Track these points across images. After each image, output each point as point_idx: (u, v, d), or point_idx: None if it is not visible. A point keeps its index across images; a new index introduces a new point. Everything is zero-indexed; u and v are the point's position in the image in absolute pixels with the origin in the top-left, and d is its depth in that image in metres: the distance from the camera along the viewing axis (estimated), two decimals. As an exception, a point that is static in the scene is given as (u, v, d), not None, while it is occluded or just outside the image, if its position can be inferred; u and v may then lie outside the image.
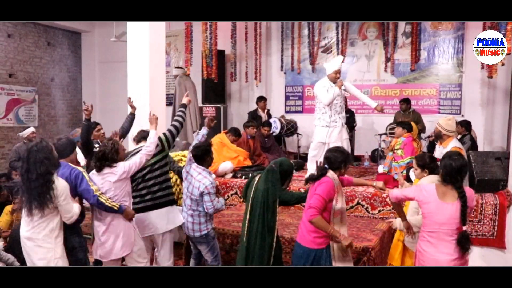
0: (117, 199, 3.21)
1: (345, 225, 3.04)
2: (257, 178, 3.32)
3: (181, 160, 4.91)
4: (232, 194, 5.40)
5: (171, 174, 4.33)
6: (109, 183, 3.20)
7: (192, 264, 3.94)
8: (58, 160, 3.03)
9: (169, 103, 7.41)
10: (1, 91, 8.39)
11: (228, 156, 5.84)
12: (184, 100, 4.01)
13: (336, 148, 3.25)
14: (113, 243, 3.24)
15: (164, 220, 3.57)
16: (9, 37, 8.51)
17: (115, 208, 3.15)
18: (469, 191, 2.72)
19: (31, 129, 4.97)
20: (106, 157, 3.20)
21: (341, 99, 5.53)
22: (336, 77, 5.37)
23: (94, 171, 3.28)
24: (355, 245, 3.57)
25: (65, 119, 9.84)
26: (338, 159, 3.00)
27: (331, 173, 2.94)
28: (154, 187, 3.55)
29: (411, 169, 3.40)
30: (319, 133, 5.52)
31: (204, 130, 3.91)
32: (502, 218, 4.43)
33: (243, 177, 5.56)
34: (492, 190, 4.69)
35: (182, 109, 3.92)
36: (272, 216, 3.16)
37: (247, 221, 3.24)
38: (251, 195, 3.24)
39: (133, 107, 4.62)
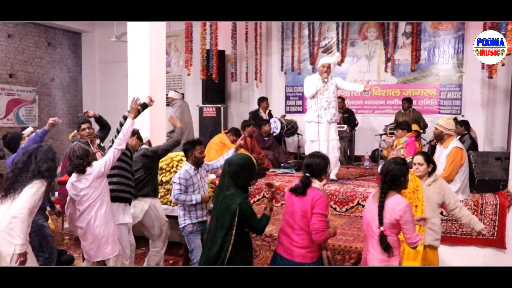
0: (98, 198, 3.27)
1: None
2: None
3: (181, 160, 4.89)
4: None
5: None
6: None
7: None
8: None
9: (169, 104, 7.39)
10: (1, 91, 8.39)
11: (228, 157, 5.83)
12: (147, 100, 3.94)
13: (315, 153, 2.97)
14: (99, 244, 3.28)
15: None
16: (9, 37, 8.51)
17: None
18: (395, 201, 2.61)
19: (30, 129, 4.95)
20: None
21: (329, 94, 5.31)
22: (322, 70, 5.25)
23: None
24: (356, 245, 3.58)
25: (66, 119, 9.82)
26: (320, 166, 2.77)
27: (317, 184, 2.75)
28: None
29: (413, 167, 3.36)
30: (307, 131, 5.51)
31: (231, 151, 3.95)
32: (502, 218, 4.43)
33: (243, 177, 5.54)
34: (493, 190, 4.70)
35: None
36: None
37: None
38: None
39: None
